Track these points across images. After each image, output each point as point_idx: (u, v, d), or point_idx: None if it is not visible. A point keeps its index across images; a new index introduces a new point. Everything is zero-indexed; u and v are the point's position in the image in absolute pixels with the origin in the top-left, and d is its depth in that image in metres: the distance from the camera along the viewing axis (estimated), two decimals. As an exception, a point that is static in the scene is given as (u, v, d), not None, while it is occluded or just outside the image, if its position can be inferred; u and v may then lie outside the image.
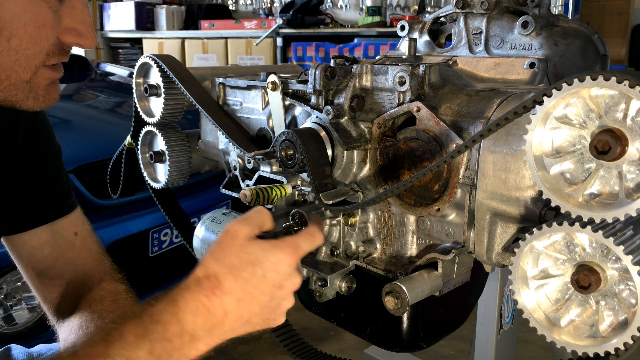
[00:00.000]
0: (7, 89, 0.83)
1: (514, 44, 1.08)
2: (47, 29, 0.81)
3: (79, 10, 0.85)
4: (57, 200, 1.14)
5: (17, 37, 0.78)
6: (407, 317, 0.98)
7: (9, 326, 2.11)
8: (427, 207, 0.90)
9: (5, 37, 0.78)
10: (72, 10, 0.84)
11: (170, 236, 2.49)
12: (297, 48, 5.04)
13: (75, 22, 0.84)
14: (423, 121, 0.88)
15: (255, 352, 2.67)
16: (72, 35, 0.85)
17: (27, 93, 0.85)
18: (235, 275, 0.75)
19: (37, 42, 0.81)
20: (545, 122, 0.69)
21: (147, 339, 0.73)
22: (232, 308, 0.75)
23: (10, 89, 0.83)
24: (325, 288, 0.96)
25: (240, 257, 0.76)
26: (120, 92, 3.53)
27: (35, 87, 0.85)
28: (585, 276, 0.67)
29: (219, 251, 0.78)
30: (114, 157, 1.48)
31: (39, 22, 0.79)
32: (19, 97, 0.84)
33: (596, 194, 0.68)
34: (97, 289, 1.13)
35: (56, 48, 0.84)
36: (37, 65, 0.83)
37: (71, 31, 0.84)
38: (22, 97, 0.85)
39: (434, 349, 2.04)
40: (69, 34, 0.84)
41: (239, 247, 0.77)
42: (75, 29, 0.85)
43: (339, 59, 0.98)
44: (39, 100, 0.87)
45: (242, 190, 1.02)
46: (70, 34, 0.84)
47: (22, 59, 0.80)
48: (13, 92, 0.83)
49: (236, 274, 0.75)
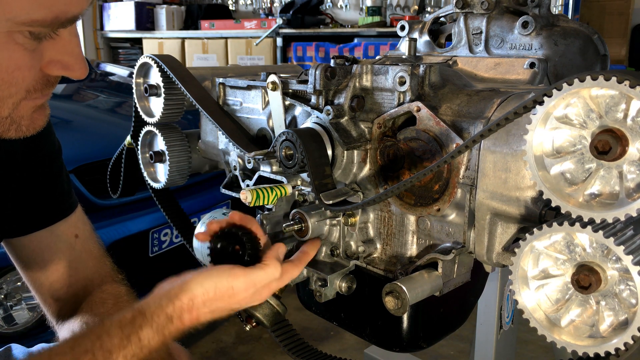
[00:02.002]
0: None
1: (514, 44, 1.08)
2: (22, 71, 0.76)
3: (65, 41, 0.79)
4: (58, 202, 1.13)
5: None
6: (407, 317, 0.98)
7: (9, 326, 2.11)
8: (427, 207, 0.90)
9: None
10: (57, 42, 0.78)
11: (170, 236, 2.49)
12: (297, 48, 5.04)
13: (61, 54, 0.79)
14: (423, 121, 0.88)
15: (255, 352, 2.67)
16: (57, 68, 0.79)
17: (7, 126, 0.81)
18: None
19: (11, 84, 0.76)
20: (545, 122, 0.69)
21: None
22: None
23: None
24: (326, 288, 0.96)
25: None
26: (120, 92, 3.53)
27: (17, 119, 0.81)
28: (586, 276, 0.67)
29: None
30: (114, 157, 1.48)
31: (11, 67, 0.75)
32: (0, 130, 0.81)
33: (596, 194, 0.68)
34: (98, 291, 1.13)
35: (39, 83, 0.79)
36: (16, 102, 0.79)
37: (56, 64, 0.79)
38: (3, 130, 0.81)
39: (434, 349, 2.04)
40: (53, 67, 0.79)
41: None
42: (61, 61, 0.79)
43: (339, 59, 0.98)
44: (22, 130, 0.83)
45: (242, 190, 1.02)
46: (55, 67, 0.79)
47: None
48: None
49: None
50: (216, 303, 0.85)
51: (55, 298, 1.14)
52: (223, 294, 0.84)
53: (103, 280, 1.16)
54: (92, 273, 1.15)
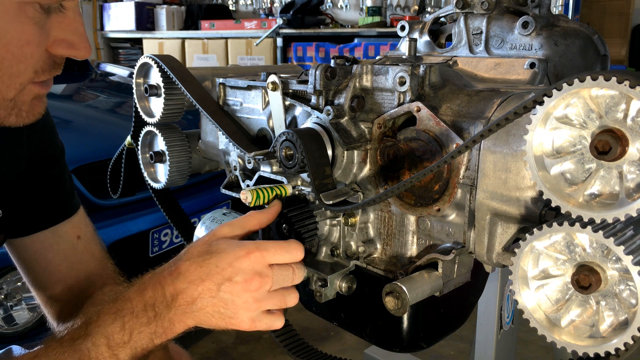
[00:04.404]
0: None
1: (514, 44, 1.08)
2: (32, 46, 0.76)
3: (70, 19, 0.79)
4: (60, 203, 1.13)
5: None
6: (407, 318, 0.98)
7: (9, 326, 2.11)
8: (427, 207, 0.90)
9: None
10: (62, 20, 0.79)
11: (171, 236, 2.49)
12: (297, 48, 5.04)
13: (67, 32, 0.79)
14: (423, 121, 0.88)
15: (255, 352, 2.67)
16: (63, 47, 0.80)
17: (9, 110, 0.81)
18: (191, 260, 0.82)
19: (21, 60, 0.77)
20: (545, 122, 0.69)
21: (119, 316, 0.81)
22: (183, 287, 0.81)
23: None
24: (326, 288, 0.96)
25: (203, 248, 0.83)
26: (120, 92, 3.53)
27: (19, 104, 0.82)
28: (586, 276, 0.67)
29: (192, 245, 0.86)
30: (114, 157, 1.48)
31: (22, 41, 0.75)
32: (1, 114, 0.81)
33: (596, 194, 0.68)
34: (99, 293, 1.13)
35: (46, 63, 0.80)
36: (23, 83, 0.79)
37: (62, 42, 0.80)
38: (4, 115, 0.82)
39: (434, 349, 2.04)
40: (59, 46, 0.80)
41: (207, 241, 0.84)
42: (66, 40, 0.80)
43: (339, 59, 0.98)
44: (22, 117, 0.84)
45: (242, 191, 1.02)
46: (61, 46, 0.80)
47: (4, 77, 0.77)
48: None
49: (192, 259, 0.82)
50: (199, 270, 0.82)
51: (56, 299, 1.14)
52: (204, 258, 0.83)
53: (104, 281, 1.16)
54: (93, 274, 1.15)
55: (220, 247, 0.82)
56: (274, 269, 0.84)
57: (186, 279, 0.81)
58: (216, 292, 0.81)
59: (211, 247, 0.83)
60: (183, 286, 0.81)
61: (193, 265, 0.82)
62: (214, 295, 0.81)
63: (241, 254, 0.81)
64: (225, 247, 0.82)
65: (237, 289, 0.81)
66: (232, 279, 0.81)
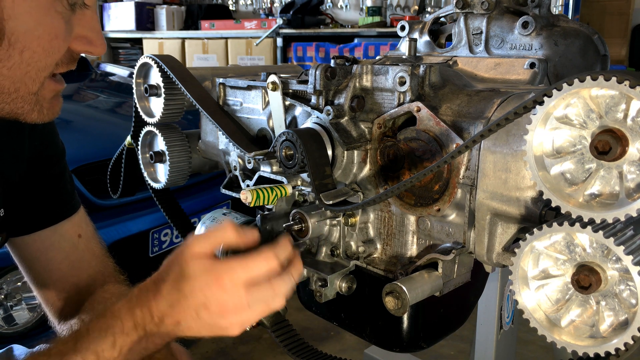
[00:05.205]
0: (15, 102, 0.82)
1: (514, 44, 1.08)
2: (59, 40, 0.79)
3: (89, 17, 0.83)
4: (61, 202, 1.13)
5: (30, 50, 0.77)
6: (407, 318, 0.98)
7: (9, 326, 2.11)
8: (427, 208, 0.90)
9: (19, 50, 0.76)
10: (82, 17, 0.82)
11: (171, 236, 2.49)
12: (297, 48, 5.04)
13: (86, 29, 0.83)
14: (423, 121, 0.88)
15: (255, 352, 2.67)
16: (82, 43, 0.83)
17: (32, 105, 0.84)
18: (169, 282, 0.82)
19: (49, 54, 0.79)
20: (545, 122, 0.69)
21: (110, 333, 0.80)
22: (166, 310, 0.81)
23: (17, 102, 0.82)
24: (326, 288, 0.96)
25: (178, 268, 0.82)
26: (120, 92, 3.53)
27: (40, 100, 0.84)
28: (586, 276, 0.67)
29: (171, 260, 0.84)
30: (114, 157, 1.48)
31: (52, 35, 0.78)
32: (25, 109, 0.83)
33: (596, 194, 0.68)
34: (100, 291, 1.13)
35: (65, 57, 0.83)
36: (45, 77, 0.82)
37: (82, 39, 0.83)
38: (28, 110, 0.84)
39: (434, 349, 2.04)
40: (79, 42, 0.83)
41: (182, 260, 0.82)
42: (85, 36, 0.83)
43: (339, 59, 0.98)
44: (43, 113, 0.86)
45: (242, 191, 1.02)
46: (80, 42, 0.83)
47: (32, 71, 0.79)
48: (20, 105, 0.82)
49: (170, 280, 0.82)
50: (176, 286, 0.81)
51: (58, 297, 1.14)
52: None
53: (105, 280, 1.16)
54: (94, 273, 1.15)
55: (191, 270, 0.80)
56: (251, 290, 0.80)
57: (167, 302, 0.81)
58: (196, 316, 0.80)
59: (186, 269, 0.81)
60: (166, 309, 0.81)
61: (171, 287, 0.81)
62: (194, 318, 0.80)
63: (210, 280, 0.79)
64: (195, 271, 0.80)
65: (214, 315, 0.80)
66: (207, 307, 0.79)
